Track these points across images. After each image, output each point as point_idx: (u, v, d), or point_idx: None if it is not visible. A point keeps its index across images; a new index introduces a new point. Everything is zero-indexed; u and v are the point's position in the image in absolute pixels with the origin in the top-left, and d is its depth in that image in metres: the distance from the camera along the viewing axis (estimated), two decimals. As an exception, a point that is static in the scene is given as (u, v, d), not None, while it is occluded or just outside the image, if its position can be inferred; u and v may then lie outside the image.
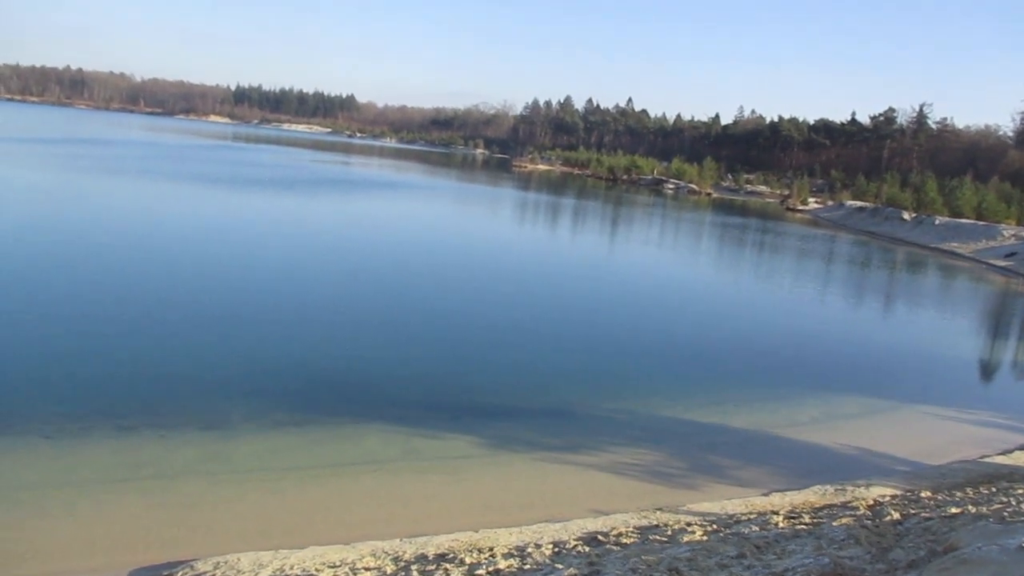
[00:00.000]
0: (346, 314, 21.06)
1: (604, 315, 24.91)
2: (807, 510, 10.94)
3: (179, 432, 12.27)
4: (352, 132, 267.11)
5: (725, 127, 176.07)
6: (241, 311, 20.13)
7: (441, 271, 29.72)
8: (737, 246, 51.56)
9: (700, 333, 23.75)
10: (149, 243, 28.75)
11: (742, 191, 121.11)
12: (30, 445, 11.34)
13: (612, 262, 39.26)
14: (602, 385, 17.27)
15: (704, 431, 15.05)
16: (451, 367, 17.34)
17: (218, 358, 16.09)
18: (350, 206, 51.19)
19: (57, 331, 16.65)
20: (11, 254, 23.87)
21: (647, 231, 56.07)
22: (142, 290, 21.12)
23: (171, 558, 8.78)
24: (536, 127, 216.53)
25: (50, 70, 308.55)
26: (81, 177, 50.47)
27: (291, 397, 14.38)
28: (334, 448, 12.40)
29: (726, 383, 18.47)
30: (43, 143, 79.90)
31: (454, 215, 54.70)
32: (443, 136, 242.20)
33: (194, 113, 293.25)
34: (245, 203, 45.83)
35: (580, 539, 9.58)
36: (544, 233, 49.31)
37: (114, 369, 14.80)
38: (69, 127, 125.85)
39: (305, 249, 31.25)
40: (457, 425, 13.78)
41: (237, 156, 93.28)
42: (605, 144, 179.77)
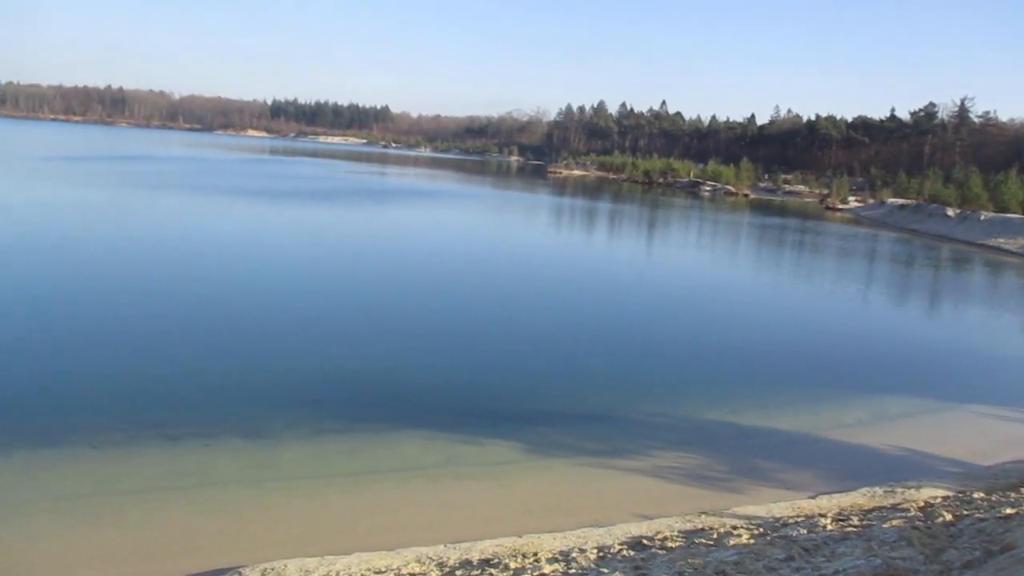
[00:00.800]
0: (386, 322, 21.17)
1: (643, 318, 24.75)
2: (855, 512, 10.73)
3: (223, 441, 12.42)
4: (387, 143, 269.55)
5: (761, 127, 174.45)
6: (283, 321, 20.33)
7: (479, 278, 29.77)
8: (776, 246, 50.95)
9: (741, 335, 23.46)
10: (194, 255, 29.24)
11: (780, 191, 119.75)
12: (78, 455, 11.55)
13: (650, 265, 39.03)
14: (642, 388, 17.12)
15: (747, 434, 14.84)
16: (490, 373, 17.32)
17: (260, 367, 16.28)
18: (387, 216, 51.54)
19: (103, 343, 16.99)
20: (63, 269, 24.40)
21: (684, 233, 55.68)
22: (186, 301, 21.47)
23: (218, 565, 8.86)
24: (570, 133, 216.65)
25: (92, 90, 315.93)
26: (129, 193, 51.54)
27: (333, 405, 14.48)
28: (376, 455, 12.44)
29: (768, 385, 18.21)
30: (90, 161, 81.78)
31: (490, 222, 54.80)
32: (477, 144, 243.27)
33: (232, 128, 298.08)
34: (285, 215, 46.40)
35: (625, 543, 9.49)
36: (580, 237, 49.22)
37: (159, 379, 15.02)
38: (113, 145, 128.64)
39: (345, 259, 31.53)
40: (498, 431, 13.76)
41: (275, 169, 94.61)
42: (640, 148, 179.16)
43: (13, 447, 11.59)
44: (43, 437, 11.99)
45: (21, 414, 12.86)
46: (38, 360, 15.55)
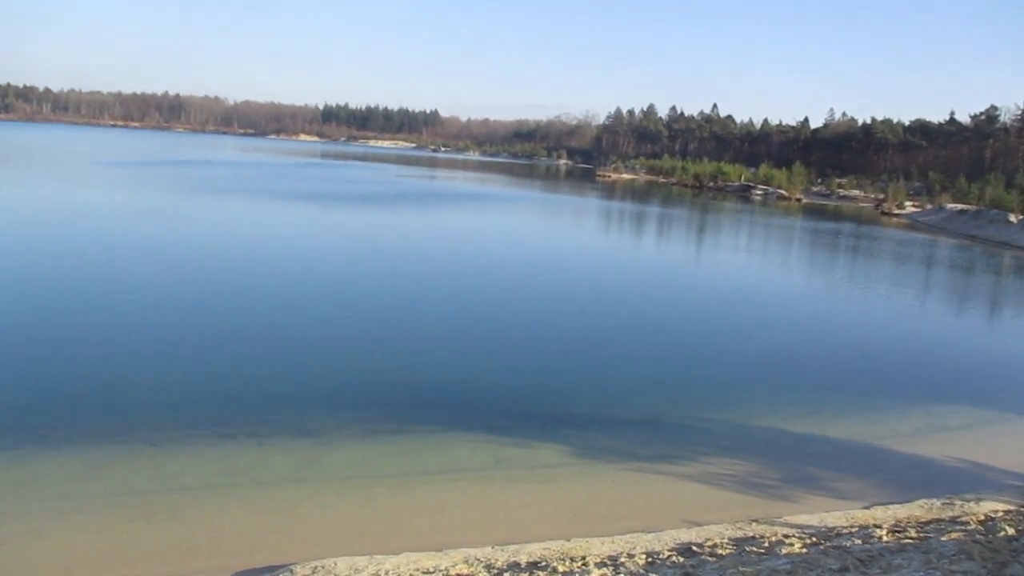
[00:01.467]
0: (436, 325, 21.31)
1: (693, 322, 24.52)
2: (912, 524, 10.47)
3: (276, 440, 12.63)
4: (436, 147, 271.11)
5: (815, 131, 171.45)
6: (335, 323, 20.62)
7: (528, 281, 29.79)
8: (830, 251, 50.01)
9: (793, 340, 23.11)
10: (250, 257, 29.84)
11: (834, 196, 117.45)
12: (136, 452, 11.84)
13: (699, 269, 38.62)
14: (691, 393, 16.97)
15: (799, 442, 14.59)
16: (539, 376, 17.32)
17: (312, 368, 16.53)
18: (436, 219, 51.87)
19: (162, 343, 17.42)
20: (123, 271, 25.07)
21: (734, 237, 54.99)
22: (241, 303, 21.92)
23: (271, 562, 9.01)
24: (619, 136, 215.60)
25: (150, 96, 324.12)
26: (187, 196, 52.79)
27: (383, 406, 14.63)
28: (425, 456, 12.53)
29: (821, 392, 17.90)
30: (150, 166, 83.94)
31: (538, 225, 54.80)
32: (526, 148, 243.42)
33: (284, 133, 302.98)
34: (336, 218, 47.02)
35: (674, 550, 9.40)
36: (629, 241, 48.94)
37: (215, 379, 15.36)
38: (170, 150, 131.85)
39: (396, 261, 31.81)
40: (546, 434, 13.75)
41: (326, 173, 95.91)
42: (690, 151, 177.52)
43: (77, 444, 11.96)
44: (104, 434, 12.34)
45: (84, 412, 13.25)
46: (101, 359, 16.01)
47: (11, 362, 15.40)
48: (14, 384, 14.24)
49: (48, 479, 10.78)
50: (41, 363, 15.47)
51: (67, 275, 23.83)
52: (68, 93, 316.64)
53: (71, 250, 28.42)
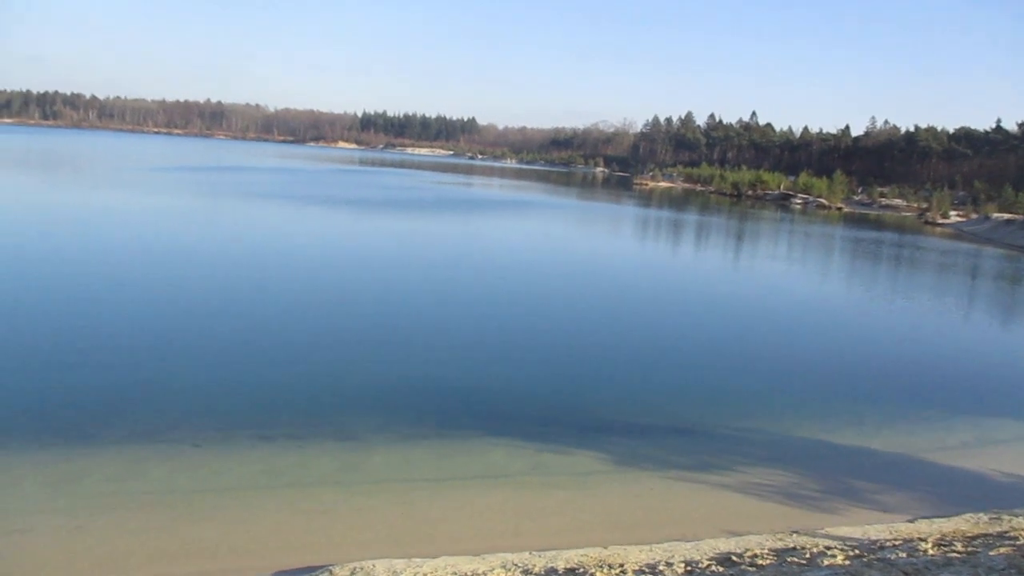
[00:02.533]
0: (475, 330, 21.36)
1: (733, 330, 24.26)
2: (959, 538, 10.23)
3: (316, 442, 12.75)
4: (473, 154, 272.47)
5: (856, 139, 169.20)
6: (373, 327, 20.76)
7: (567, 287, 29.75)
8: (871, 261, 49.24)
9: (835, 350, 22.76)
10: (290, 262, 30.21)
11: (876, 205, 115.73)
12: (180, 452, 12.01)
13: (738, 277, 38.23)
14: (730, 402, 16.78)
15: (841, 453, 14.35)
16: (577, 383, 17.27)
17: (352, 372, 16.64)
18: (474, 225, 52.08)
19: (206, 346, 17.68)
20: (173, 273, 25.52)
21: (774, 246, 54.38)
22: (282, 307, 22.16)
23: (310, 563, 9.07)
24: (657, 144, 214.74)
25: (192, 104, 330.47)
26: (229, 201, 53.64)
27: (421, 411, 14.68)
28: (462, 461, 12.55)
29: (864, 403, 17.59)
30: (193, 171, 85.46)
31: (576, 232, 54.73)
32: (563, 156, 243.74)
33: (323, 140, 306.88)
34: (375, 223, 47.41)
35: (713, 559, 9.29)
36: (666, 248, 48.65)
37: (257, 382, 15.55)
38: (213, 156, 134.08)
39: (435, 267, 31.97)
40: (583, 440, 13.69)
41: (366, 179, 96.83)
42: (728, 160, 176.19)
43: (122, 442, 12.16)
44: (149, 433, 12.53)
45: (130, 411, 13.47)
46: (147, 359, 16.27)
47: (61, 361, 15.72)
48: (64, 382, 14.54)
49: (93, 475, 10.98)
50: (90, 362, 15.76)
51: (117, 277, 24.29)
52: (113, 100, 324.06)
53: (120, 252, 28.99)
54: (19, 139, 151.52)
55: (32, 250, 28.44)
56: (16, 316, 18.88)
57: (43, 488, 10.56)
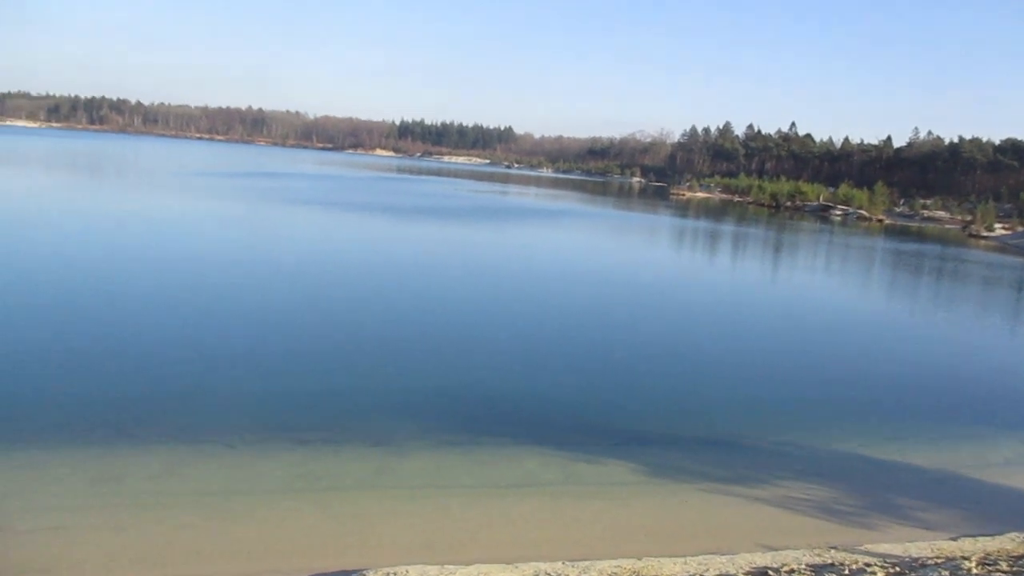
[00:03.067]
0: (509, 340, 21.36)
1: (769, 342, 23.96)
2: (1003, 557, 9.98)
3: (351, 447, 12.82)
4: (510, 163, 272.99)
5: (898, 150, 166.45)
6: (410, 334, 20.84)
7: (603, 297, 29.64)
8: (913, 273, 48.37)
9: (875, 362, 22.37)
10: (328, 268, 30.51)
11: (918, 217, 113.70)
12: (216, 454, 12.14)
13: (776, 288, 37.80)
14: (768, 414, 16.56)
15: (881, 468, 14.08)
16: (612, 393, 17.17)
17: (388, 378, 16.73)
18: (509, 234, 52.13)
19: (241, 350, 17.88)
20: (213, 278, 25.89)
21: (812, 258, 53.66)
22: (320, 312, 22.37)
23: (344, 567, 9.10)
24: (694, 154, 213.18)
25: (234, 111, 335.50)
26: (271, 207, 54.36)
27: (455, 418, 14.70)
28: (496, 468, 12.51)
29: (904, 417, 17.26)
30: (235, 177, 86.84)
31: (612, 242, 54.51)
32: (599, 165, 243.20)
33: (361, 147, 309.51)
34: (411, 231, 47.67)
35: (749, 573, 9.17)
36: (703, 259, 48.24)
37: (293, 386, 15.68)
38: (254, 162, 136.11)
39: (471, 275, 32.06)
40: (618, 451, 13.60)
41: (403, 187, 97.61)
42: (767, 170, 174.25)
43: (160, 443, 12.33)
44: (186, 436, 12.69)
45: (168, 413, 13.66)
46: (186, 363, 16.50)
47: (103, 362, 16.01)
48: (106, 383, 14.80)
49: (133, 475, 11.13)
50: (131, 364, 16.04)
51: (161, 281, 24.70)
52: (158, 107, 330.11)
53: (164, 257, 29.47)
54: (69, 143, 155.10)
55: (78, 254, 29.04)
56: (62, 319, 19.27)
57: (84, 486, 10.73)
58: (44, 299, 20.93)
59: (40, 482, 10.76)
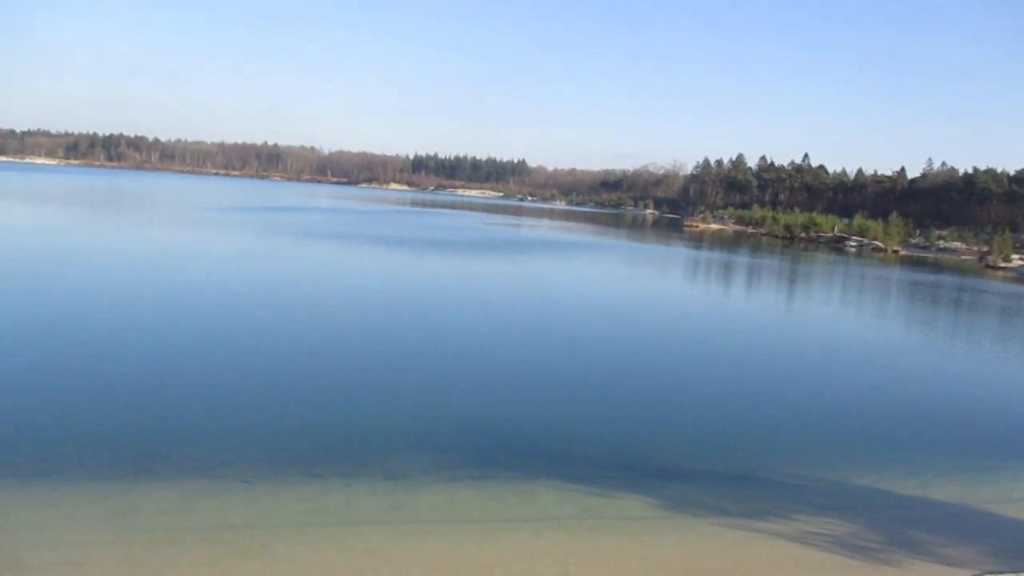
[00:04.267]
0: (523, 372, 21.33)
1: (785, 374, 23.81)
2: (1028, 595, 9.80)
3: (364, 481, 12.77)
4: (523, 196, 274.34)
5: (912, 181, 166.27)
6: (423, 367, 20.83)
7: (615, 329, 29.59)
8: (930, 304, 48.04)
9: (893, 395, 22.16)
10: (342, 301, 30.63)
11: (933, 248, 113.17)
12: (230, 489, 12.14)
13: (791, 319, 37.60)
14: (783, 448, 16.40)
15: (900, 503, 13.90)
16: (627, 426, 17.06)
17: (401, 411, 16.70)
18: (524, 266, 52.23)
19: (253, 384, 17.93)
20: (226, 311, 26.06)
21: (827, 289, 53.39)
22: (332, 346, 22.42)
23: (357, 603, 9.04)
24: (707, 186, 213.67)
25: (249, 146, 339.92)
26: (290, 240, 54.77)
27: (469, 451, 14.65)
28: (510, 503, 12.44)
29: (924, 451, 17.03)
30: (255, 212, 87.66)
31: (625, 274, 54.50)
32: (612, 197, 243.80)
33: (376, 181, 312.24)
34: (426, 263, 47.87)
35: (768, 611, 9.03)
36: (717, 290, 48.09)
37: (306, 420, 15.69)
38: (270, 197, 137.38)
39: (486, 308, 32.11)
40: (634, 485, 13.49)
41: (417, 220, 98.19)
42: (780, 202, 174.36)
43: (173, 477, 12.35)
44: (201, 470, 12.71)
45: (182, 446, 13.69)
46: (199, 397, 16.58)
47: (117, 396, 16.09)
48: (120, 417, 14.85)
49: (147, 510, 11.13)
50: (145, 398, 16.11)
51: (173, 315, 24.89)
52: (175, 143, 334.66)
53: (177, 291, 29.70)
54: (88, 180, 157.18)
55: (95, 289, 29.31)
56: (78, 353, 19.41)
57: (98, 521, 10.73)
58: (61, 333, 21.11)
59: (55, 517, 10.78)
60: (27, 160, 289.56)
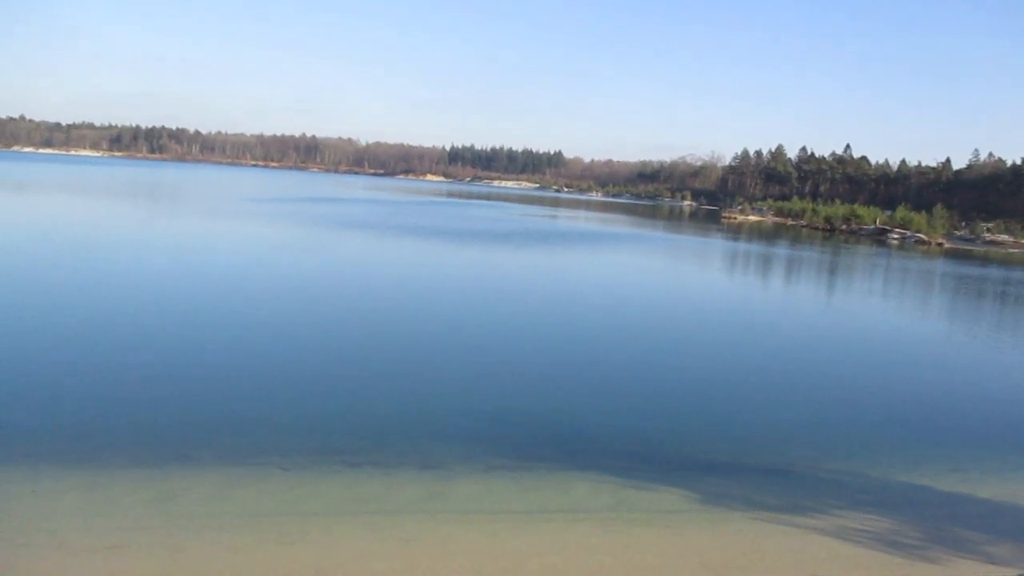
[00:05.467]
0: (560, 364, 21.28)
1: (826, 367, 23.45)
2: (1075, 595, 9.56)
3: (401, 470, 12.84)
4: (559, 187, 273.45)
5: (957, 172, 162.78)
6: (461, 358, 20.91)
7: (653, 320, 29.41)
8: (975, 298, 47.01)
9: (935, 390, 21.75)
10: (384, 292, 30.84)
11: (979, 240, 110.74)
12: (270, 476, 12.28)
13: (832, 312, 37.01)
14: (823, 442, 16.16)
15: (943, 500, 13.64)
16: (662, 418, 16.95)
17: (438, 402, 16.77)
18: (560, 257, 52.08)
19: (293, 374, 18.12)
20: (268, 302, 26.37)
21: (869, 281, 52.50)
22: (372, 335, 22.58)
23: (393, 591, 9.10)
24: (746, 177, 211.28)
25: (288, 138, 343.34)
26: (328, 231, 55.25)
27: (505, 442, 14.66)
28: (546, 494, 12.42)
29: (969, 447, 16.70)
30: (292, 202, 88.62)
31: (663, 265, 54.06)
32: (649, 189, 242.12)
33: (412, 173, 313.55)
34: (464, 254, 47.96)
35: (806, 607, 8.92)
36: (757, 282, 47.52)
37: (344, 408, 15.83)
38: (309, 189, 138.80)
39: (523, 299, 32.07)
40: (670, 477, 13.40)
41: (454, 211, 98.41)
42: (821, 193, 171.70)
43: (215, 464, 12.55)
44: (240, 457, 12.89)
45: (223, 434, 13.89)
46: (240, 386, 16.81)
47: (160, 384, 16.35)
48: (163, 404, 15.10)
49: (188, 495, 11.32)
50: (187, 386, 16.36)
51: (215, 304, 25.25)
52: (215, 135, 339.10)
53: (219, 281, 30.14)
54: (132, 172, 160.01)
55: (133, 278, 29.81)
56: (119, 343, 19.76)
57: (141, 506, 10.93)
58: (105, 324, 21.52)
59: (99, 501, 11.00)
60: (72, 152, 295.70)
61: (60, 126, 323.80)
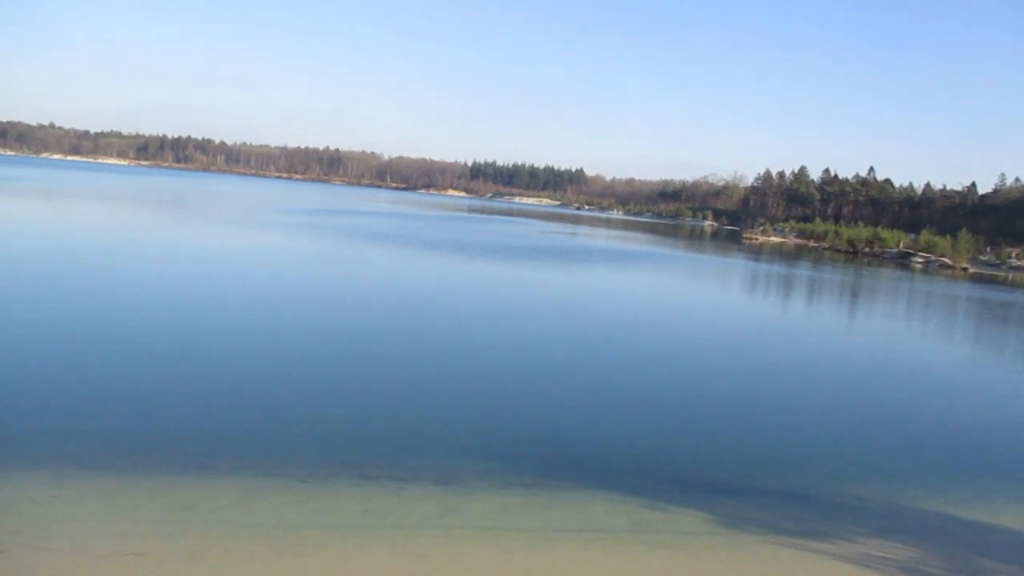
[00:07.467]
0: (578, 381, 21.23)
1: (847, 391, 23.21)
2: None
3: (417, 485, 12.84)
4: (580, 205, 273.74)
5: (983, 196, 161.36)
6: (478, 374, 20.91)
7: (674, 340, 29.27)
8: (1001, 323, 46.44)
9: (959, 417, 21.47)
10: (402, 305, 30.92)
11: (1006, 266, 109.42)
12: (287, 487, 12.32)
13: (854, 335, 36.68)
14: (843, 467, 15.99)
15: (967, 528, 13.43)
16: (682, 439, 16.84)
17: (455, 417, 16.76)
18: (582, 275, 52.05)
19: (311, 386, 18.20)
20: (285, 313, 26.54)
21: (892, 305, 52.02)
22: (390, 349, 22.65)
23: (408, 606, 9.07)
24: (768, 198, 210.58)
25: (312, 150, 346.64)
26: (350, 243, 55.60)
27: (521, 459, 14.62)
28: (562, 512, 12.36)
29: (994, 476, 16.45)
30: (317, 214, 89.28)
31: (682, 285, 53.88)
32: (670, 208, 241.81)
33: (434, 187, 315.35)
34: (485, 269, 48.06)
35: (825, 634, 8.80)
36: (778, 303, 47.22)
37: (362, 422, 15.86)
38: (332, 201, 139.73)
39: (545, 317, 32.06)
40: (688, 499, 13.30)
41: (475, 227, 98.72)
42: (843, 216, 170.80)
43: (233, 474, 12.61)
44: (258, 468, 12.94)
45: (242, 444, 13.97)
46: (259, 396, 16.90)
47: (180, 393, 16.47)
48: (182, 414, 15.21)
49: (206, 505, 11.37)
50: (206, 396, 16.47)
51: (235, 315, 25.43)
52: (240, 146, 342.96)
53: (240, 290, 30.36)
54: (159, 181, 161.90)
55: (160, 287, 30.10)
56: (145, 350, 19.94)
57: (158, 514, 10.99)
58: (126, 333, 21.72)
59: (118, 508, 11.08)
60: (99, 160, 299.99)
61: (88, 134, 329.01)
